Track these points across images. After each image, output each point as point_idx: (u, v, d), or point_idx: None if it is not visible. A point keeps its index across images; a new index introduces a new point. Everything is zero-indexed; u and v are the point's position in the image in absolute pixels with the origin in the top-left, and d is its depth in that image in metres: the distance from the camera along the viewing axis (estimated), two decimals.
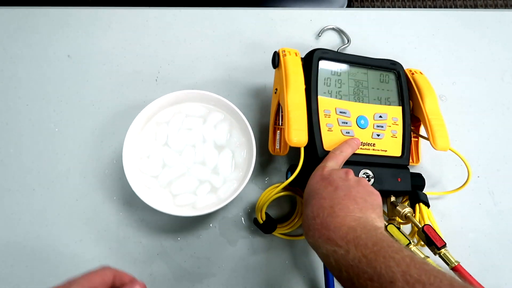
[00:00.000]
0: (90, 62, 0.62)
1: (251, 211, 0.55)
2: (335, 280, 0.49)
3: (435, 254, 0.47)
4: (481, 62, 0.67)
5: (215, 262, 0.53)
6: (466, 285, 0.29)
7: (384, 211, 0.55)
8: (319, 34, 0.66)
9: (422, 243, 0.49)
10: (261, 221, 0.52)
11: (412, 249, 0.45)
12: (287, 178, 0.49)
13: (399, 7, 1.53)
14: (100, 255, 0.53)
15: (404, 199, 0.55)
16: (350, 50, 0.66)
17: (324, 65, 0.53)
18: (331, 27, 0.67)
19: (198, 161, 0.52)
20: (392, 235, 0.46)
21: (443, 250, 0.46)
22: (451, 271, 0.46)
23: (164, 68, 0.62)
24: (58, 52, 0.62)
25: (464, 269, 0.46)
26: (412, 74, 0.57)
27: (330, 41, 0.67)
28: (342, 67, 0.54)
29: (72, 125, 0.58)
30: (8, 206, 0.54)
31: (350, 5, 0.94)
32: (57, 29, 0.64)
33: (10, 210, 0.54)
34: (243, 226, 0.54)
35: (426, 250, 0.48)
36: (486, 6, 1.55)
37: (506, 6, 1.56)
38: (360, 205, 0.39)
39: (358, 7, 1.51)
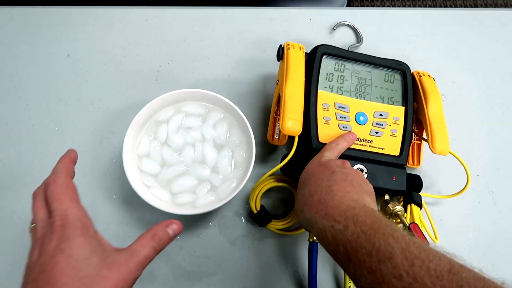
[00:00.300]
0: (90, 62, 0.62)
1: (251, 210, 0.55)
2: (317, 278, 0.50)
3: None
4: (480, 61, 0.67)
5: (215, 260, 0.53)
6: (465, 266, 0.29)
7: (378, 209, 0.55)
8: (333, 28, 0.66)
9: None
10: (255, 211, 0.52)
11: None
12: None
13: (399, 6, 1.53)
14: None
15: (401, 199, 0.55)
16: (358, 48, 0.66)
17: (328, 61, 0.54)
18: (346, 23, 0.67)
19: (198, 160, 0.52)
20: None
21: None
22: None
23: (163, 68, 0.62)
24: (58, 52, 0.62)
25: None
26: (420, 76, 0.57)
27: (342, 39, 0.67)
28: (346, 64, 0.55)
29: (72, 124, 0.58)
30: (8, 205, 0.54)
31: (350, 4, 0.94)
32: (57, 29, 0.64)
33: (10, 210, 0.54)
34: (243, 225, 0.55)
35: None
36: (486, 5, 1.55)
37: (506, 6, 1.56)
38: (356, 189, 0.39)
39: (358, 6, 1.51)
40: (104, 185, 0.55)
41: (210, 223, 0.54)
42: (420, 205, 0.52)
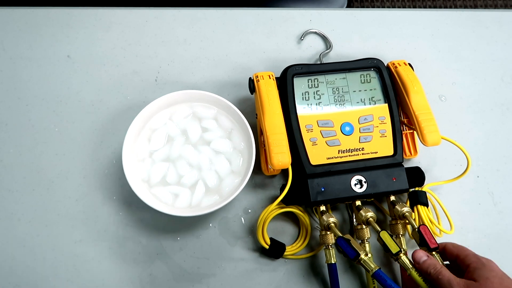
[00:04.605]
0: (90, 62, 0.62)
1: (251, 211, 0.55)
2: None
3: None
4: (480, 62, 0.67)
5: (215, 262, 0.53)
6: None
7: (386, 210, 0.55)
8: (301, 38, 0.65)
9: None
10: (266, 246, 0.51)
11: (402, 258, 0.45)
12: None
13: (399, 7, 1.53)
14: (100, 255, 0.53)
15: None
16: (347, 51, 0.66)
17: (300, 80, 0.53)
18: (314, 31, 0.66)
19: (198, 161, 0.52)
20: (384, 242, 0.46)
21: (433, 253, 0.46)
22: None
23: (163, 68, 0.62)
24: (58, 52, 0.62)
25: None
26: (396, 67, 0.55)
27: (313, 47, 0.66)
28: (319, 77, 0.54)
29: (72, 125, 0.58)
30: (8, 206, 0.54)
31: (350, 5, 0.94)
32: (57, 29, 0.64)
33: (10, 210, 0.54)
34: (243, 226, 0.54)
35: None
36: (486, 6, 1.55)
37: (506, 6, 1.56)
38: None
39: (358, 7, 1.51)
40: (104, 186, 0.55)
41: (210, 224, 0.54)
42: (426, 204, 0.52)
